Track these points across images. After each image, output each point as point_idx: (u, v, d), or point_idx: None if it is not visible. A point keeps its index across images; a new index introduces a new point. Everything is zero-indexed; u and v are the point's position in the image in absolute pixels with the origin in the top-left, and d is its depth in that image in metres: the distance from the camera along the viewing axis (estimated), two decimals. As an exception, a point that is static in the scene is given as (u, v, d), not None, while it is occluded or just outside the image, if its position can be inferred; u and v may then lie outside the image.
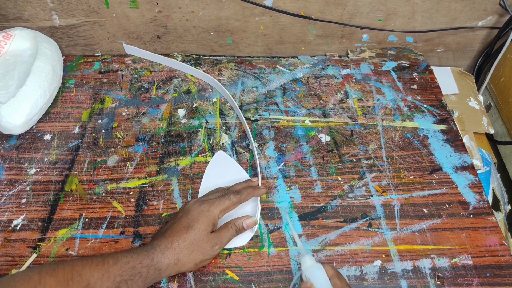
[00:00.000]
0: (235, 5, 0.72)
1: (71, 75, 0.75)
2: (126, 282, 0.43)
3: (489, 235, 0.55)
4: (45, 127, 0.67)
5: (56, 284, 0.40)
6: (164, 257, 0.46)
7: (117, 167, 0.62)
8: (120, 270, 0.43)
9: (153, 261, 0.45)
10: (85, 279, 0.41)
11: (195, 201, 0.52)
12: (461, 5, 0.74)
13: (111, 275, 0.42)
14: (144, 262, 0.45)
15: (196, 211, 0.50)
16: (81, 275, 0.41)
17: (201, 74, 0.74)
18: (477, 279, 0.51)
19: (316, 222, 0.56)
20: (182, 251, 0.47)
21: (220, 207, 0.50)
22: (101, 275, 0.42)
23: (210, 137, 0.66)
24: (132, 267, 0.44)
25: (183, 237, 0.47)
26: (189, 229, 0.48)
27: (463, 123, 0.75)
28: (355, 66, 0.77)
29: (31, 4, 0.70)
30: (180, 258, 0.46)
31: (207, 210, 0.50)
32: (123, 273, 0.43)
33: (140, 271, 0.44)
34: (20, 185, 0.60)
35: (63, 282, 0.40)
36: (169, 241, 0.47)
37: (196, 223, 0.48)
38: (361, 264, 0.52)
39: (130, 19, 0.74)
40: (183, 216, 0.50)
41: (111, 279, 0.42)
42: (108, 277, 0.42)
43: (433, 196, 0.59)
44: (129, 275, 0.43)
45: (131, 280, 0.43)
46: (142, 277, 0.44)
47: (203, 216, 0.49)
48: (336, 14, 0.75)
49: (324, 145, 0.65)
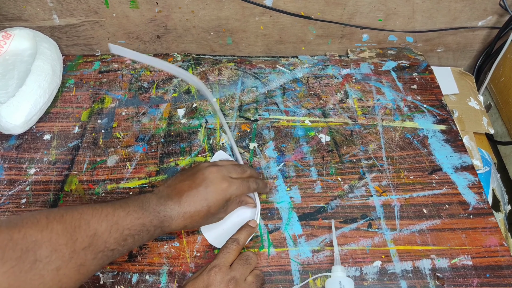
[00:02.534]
0: (235, 5, 0.72)
1: (71, 74, 0.75)
2: (133, 236, 0.44)
3: (489, 235, 0.55)
4: (44, 127, 0.67)
5: (63, 230, 0.39)
6: (173, 223, 0.47)
7: (117, 167, 0.62)
8: (130, 224, 0.43)
9: (163, 223, 0.46)
10: (93, 227, 0.41)
11: (214, 166, 0.52)
12: (461, 5, 0.74)
13: (120, 227, 0.42)
14: (154, 222, 0.45)
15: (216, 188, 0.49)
16: (89, 224, 0.41)
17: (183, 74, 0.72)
18: (477, 280, 0.51)
19: (316, 222, 0.56)
20: (192, 222, 0.48)
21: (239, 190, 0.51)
22: (109, 226, 0.42)
23: (209, 137, 0.66)
24: (142, 224, 0.44)
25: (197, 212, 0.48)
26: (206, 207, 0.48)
27: (463, 123, 0.74)
28: (355, 66, 0.77)
29: (31, 4, 0.70)
30: (187, 225, 0.48)
31: (227, 188, 0.50)
32: (132, 228, 0.43)
33: (149, 229, 0.45)
34: (20, 185, 0.60)
35: (70, 229, 0.40)
36: (182, 210, 0.47)
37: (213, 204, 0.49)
38: (361, 265, 0.52)
39: (130, 19, 0.74)
40: (202, 183, 0.49)
41: (120, 231, 0.42)
42: (117, 229, 0.42)
43: (433, 196, 0.59)
44: (138, 231, 0.44)
45: (138, 235, 0.44)
46: (149, 234, 0.45)
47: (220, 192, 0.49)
48: (336, 14, 0.74)
49: (324, 145, 0.65)
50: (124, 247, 0.43)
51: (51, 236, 0.38)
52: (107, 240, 0.41)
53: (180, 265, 0.52)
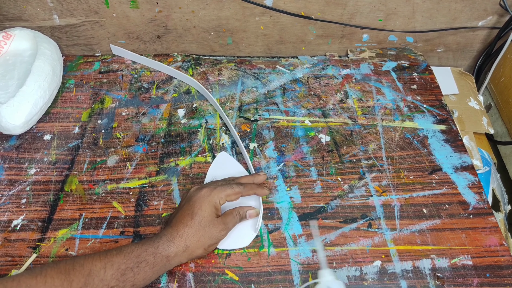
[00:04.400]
0: (235, 5, 0.72)
1: (71, 75, 0.75)
2: (132, 269, 0.43)
3: (489, 235, 0.55)
4: (45, 127, 0.67)
5: (57, 273, 0.40)
6: (171, 245, 0.46)
7: (117, 167, 0.62)
8: (124, 258, 0.43)
9: (159, 248, 0.45)
10: (87, 268, 0.41)
11: (195, 188, 0.53)
12: (461, 5, 0.74)
13: (115, 263, 0.42)
14: (150, 250, 0.45)
15: (197, 197, 0.50)
16: (83, 265, 0.42)
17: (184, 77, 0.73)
18: (476, 280, 0.51)
19: (316, 222, 0.56)
20: (190, 238, 0.47)
21: (221, 193, 0.51)
22: (104, 264, 0.42)
23: (210, 137, 0.66)
24: (137, 255, 0.44)
25: (188, 224, 0.48)
26: (193, 215, 0.48)
27: (463, 123, 0.74)
28: (355, 66, 0.77)
29: (31, 4, 0.70)
30: (189, 244, 0.47)
31: (208, 195, 0.50)
32: (128, 261, 0.43)
33: (146, 259, 0.44)
34: (20, 185, 0.60)
35: (65, 272, 0.41)
36: (174, 230, 0.47)
37: (199, 209, 0.49)
38: (361, 265, 0.52)
39: (130, 19, 0.74)
40: (186, 204, 0.50)
41: (115, 266, 0.42)
42: (112, 265, 0.42)
43: (433, 196, 0.59)
44: (135, 263, 0.43)
45: (137, 267, 0.43)
46: (148, 264, 0.44)
47: (205, 201, 0.49)
48: (336, 14, 0.74)
49: (324, 145, 0.65)
50: (126, 283, 0.43)
51: (46, 280, 0.39)
52: (104, 277, 0.42)
53: (180, 265, 0.52)
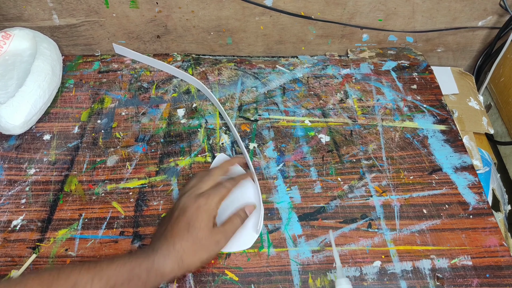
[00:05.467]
0: (235, 5, 0.71)
1: (71, 75, 0.75)
2: (122, 285, 0.39)
3: (488, 235, 0.55)
4: (44, 127, 0.67)
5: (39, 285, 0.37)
6: (167, 261, 0.43)
7: (117, 167, 0.62)
8: (115, 271, 0.40)
9: (154, 264, 0.42)
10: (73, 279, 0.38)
11: (188, 195, 0.49)
12: (461, 5, 0.74)
13: (104, 276, 0.39)
14: (144, 265, 0.41)
15: (194, 208, 0.47)
16: (69, 276, 0.38)
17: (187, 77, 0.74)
18: (476, 280, 0.51)
19: (316, 222, 0.56)
20: (186, 252, 0.44)
21: (217, 197, 0.48)
22: (92, 276, 0.38)
23: (209, 137, 0.66)
24: (130, 269, 0.40)
25: (185, 239, 0.44)
26: (189, 228, 0.45)
27: (463, 123, 0.74)
28: (355, 66, 0.77)
29: (31, 4, 0.70)
30: (184, 259, 0.44)
31: (205, 204, 0.47)
32: (119, 275, 0.39)
33: (139, 274, 0.41)
34: (20, 185, 0.60)
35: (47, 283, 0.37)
36: (170, 244, 0.44)
37: (196, 221, 0.46)
38: (361, 265, 0.52)
39: (130, 19, 0.74)
40: (181, 215, 0.47)
41: (104, 280, 0.39)
42: (100, 278, 0.38)
43: (432, 196, 0.59)
44: (126, 278, 0.40)
45: (128, 284, 0.40)
46: (141, 280, 0.41)
47: (202, 212, 0.46)
48: (336, 14, 0.74)
49: (323, 145, 0.65)
50: None
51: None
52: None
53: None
